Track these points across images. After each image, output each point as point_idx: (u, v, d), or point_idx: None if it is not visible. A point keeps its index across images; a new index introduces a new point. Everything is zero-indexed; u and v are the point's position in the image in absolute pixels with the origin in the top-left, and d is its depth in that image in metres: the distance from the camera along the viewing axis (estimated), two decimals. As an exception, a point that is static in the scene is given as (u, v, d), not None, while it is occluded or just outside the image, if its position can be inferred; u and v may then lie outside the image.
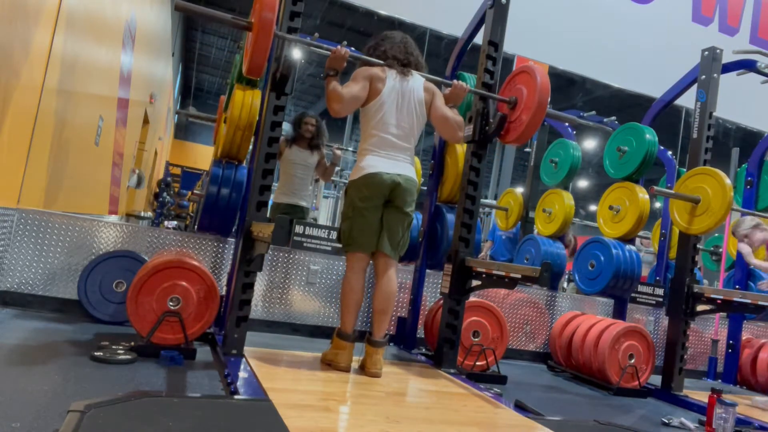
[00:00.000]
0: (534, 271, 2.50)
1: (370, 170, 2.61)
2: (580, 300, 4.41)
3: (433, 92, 2.79)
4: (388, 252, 2.66)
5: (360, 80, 2.64)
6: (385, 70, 2.68)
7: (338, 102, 2.56)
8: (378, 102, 2.65)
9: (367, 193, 2.61)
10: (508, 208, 5.40)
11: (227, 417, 1.64)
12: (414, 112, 2.71)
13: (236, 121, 3.16)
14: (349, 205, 2.67)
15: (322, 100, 17.46)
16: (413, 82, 2.73)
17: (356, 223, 2.63)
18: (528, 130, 2.90)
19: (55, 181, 3.76)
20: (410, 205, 2.70)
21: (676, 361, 3.45)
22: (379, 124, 2.65)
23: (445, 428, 1.96)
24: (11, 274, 2.99)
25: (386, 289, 2.66)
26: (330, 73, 2.62)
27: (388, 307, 2.65)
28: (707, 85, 3.65)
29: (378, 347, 2.61)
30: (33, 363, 2.10)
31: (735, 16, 6.90)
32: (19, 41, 2.70)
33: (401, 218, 2.68)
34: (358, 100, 2.63)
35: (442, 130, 2.83)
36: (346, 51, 2.60)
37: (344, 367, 2.57)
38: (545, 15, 5.95)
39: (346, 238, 2.67)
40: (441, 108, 2.78)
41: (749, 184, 4.52)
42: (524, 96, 2.94)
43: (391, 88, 2.66)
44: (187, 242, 3.37)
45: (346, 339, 2.61)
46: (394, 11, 5.73)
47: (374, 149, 2.66)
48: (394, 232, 2.67)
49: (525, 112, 2.91)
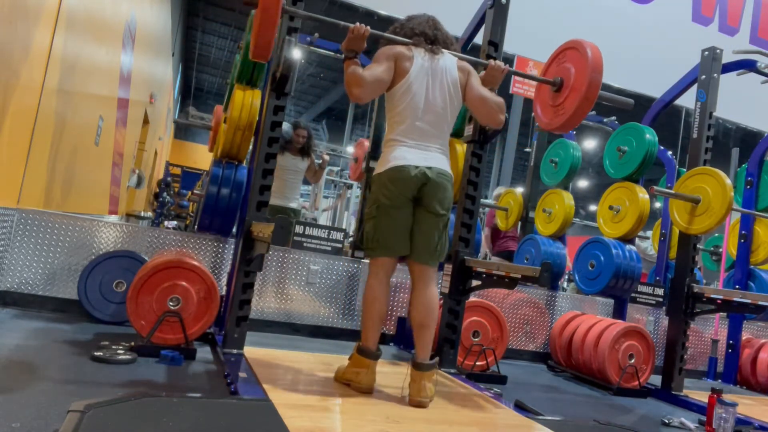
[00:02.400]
0: (534, 271, 2.50)
1: (398, 162, 2.27)
2: (580, 300, 4.41)
3: (468, 71, 2.45)
4: (425, 261, 2.33)
5: (383, 60, 2.30)
6: (412, 49, 2.36)
7: (359, 86, 2.23)
8: (405, 84, 2.31)
9: (393, 189, 2.26)
10: (508, 208, 5.40)
11: (227, 417, 1.64)
12: (447, 93, 2.36)
13: (236, 121, 3.16)
14: (373, 203, 2.33)
15: (322, 100, 17.48)
16: (444, 60, 2.39)
17: (381, 223, 2.30)
18: (576, 115, 2.55)
19: (55, 181, 3.76)
20: (444, 203, 2.33)
21: (676, 361, 3.45)
22: (407, 110, 2.32)
23: (445, 428, 1.96)
24: (11, 274, 2.99)
25: (425, 300, 2.31)
26: (348, 54, 2.31)
27: (429, 321, 2.30)
28: (707, 85, 3.65)
29: (424, 371, 2.21)
30: (33, 363, 2.10)
31: (735, 16, 6.90)
32: (19, 41, 2.69)
33: (434, 221, 2.32)
34: (382, 83, 2.30)
35: (480, 113, 2.45)
36: (366, 29, 2.30)
37: (366, 388, 2.23)
38: (545, 15, 5.94)
39: (369, 241, 2.33)
40: (478, 88, 2.42)
41: (749, 184, 4.51)
42: (572, 76, 2.58)
43: (420, 68, 2.33)
44: (187, 242, 3.37)
45: (368, 356, 2.27)
46: (394, 11, 5.72)
47: (402, 138, 2.32)
48: (429, 237, 2.32)
49: (573, 95, 2.56)
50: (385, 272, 2.34)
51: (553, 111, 2.70)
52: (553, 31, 5.98)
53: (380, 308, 2.31)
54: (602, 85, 2.56)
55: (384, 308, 2.32)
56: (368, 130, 5.14)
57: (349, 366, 2.32)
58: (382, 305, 2.31)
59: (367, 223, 2.36)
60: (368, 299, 2.31)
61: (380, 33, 2.40)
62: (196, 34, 14.52)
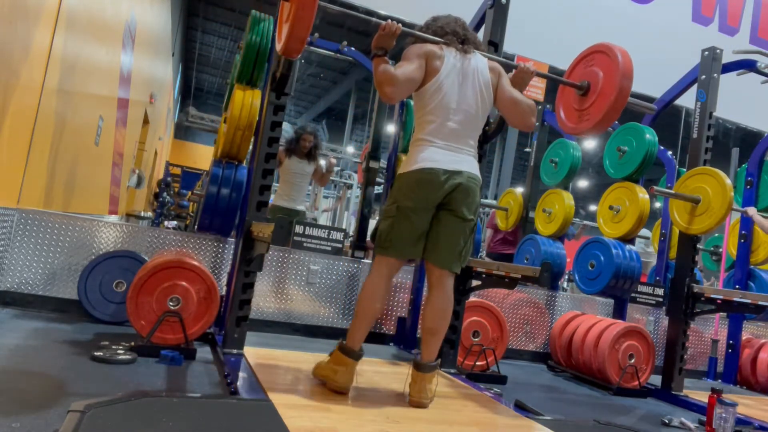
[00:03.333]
0: (534, 271, 2.50)
1: (426, 164, 2.20)
2: (580, 300, 4.41)
3: (499, 72, 2.41)
4: (447, 266, 2.27)
5: (414, 59, 2.25)
6: (443, 48, 2.31)
7: (391, 85, 2.16)
8: (436, 83, 2.26)
9: (419, 192, 2.20)
10: (508, 208, 5.40)
11: (227, 417, 1.64)
12: (479, 94, 2.32)
13: (236, 121, 3.16)
14: (393, 202, 2.26)
15: (322, 100, 17.49)
16: (476, 60, 2.35)
17: (399, 225, 2.23)
18: (604, 121, 2.49)
19: (55, 181, 3.76)
20: (472, 208, 2.28)
21: (676, 361, 3.45)
22: (437, 109, 2.26)
23: (445, 428, 1.96)
24: (11, 274, 2.99)
25: (442, 306, 2.27)
26: (378, 53, 2.24)
27: (440, 327, 2.27)
28: (707, 85, 3.65)
29: (426, 372, 2.21)
30: (33, 363, 2.10)
31: (735, 16, 6.90)
32: (19, 41, 2.69)
33: (462, 226, 2.27)
34: (414, 82, 2.23)
35: (512, 116, 2.40)
36: (397, 26, 2.23)
37: (342, 387, 2.17)
38: (545, 15, 5.94)
39: (383, 239, 2.26)
40: (510, 90, 2.38)
41: (749, 184, 4.51)
42: (600, 80, 2.54)
43: (452, 67, 2.28)
44: (187, 242, 3.37)
45: (350, 355, 2.20)
46: (394, 11, 5.72)
47: (432, 139, 2.25)
48: (455, 241, 2.26)
49: (601, 100, 2.51)
50: (389, 272, 2.29)
51: (578, 115, 2.65)
52: (553, 31, 5.99)
53: (377, 307, 2.25)
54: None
55: (381, 308, 2.27)
56: (368, 131, 5.14)
57: (328, 362, 2.26)
58: (378, 306, 2.25)
59: (385, 221, 2.29)
60: (365, 296, 2.24)
61: (412, 31, 2.35)
62: (196, 34, 14.53)
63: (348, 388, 2.19)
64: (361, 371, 2.63)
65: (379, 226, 2.32)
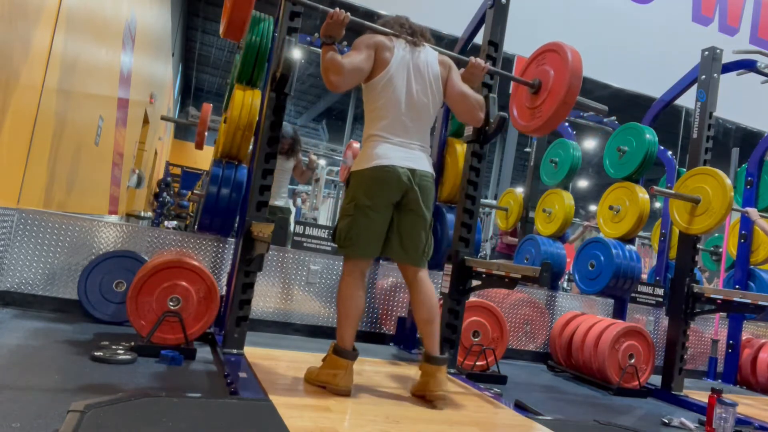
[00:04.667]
0: (534, 271, 2.50)
1: (382, 161, 2.21)
2: (580, 300, 4.41)
3: (449, 66, 2.40)
4: (416, 263, 2.32)
5: (363, 49, 2.23)
6: (392, 39, 2.29)
7: (337, 73, 2.15)
8: (386, 75, 2.24)
9: (376, 190, 2.21)
10: (508, 208, 5.40)
11: (227, 417, 1.64)
12: (429, 88, 2.31)
13: (236, 121, 3.16)
14: (350, 200, 2.26)
15: (322, 100, 17.47)
16: (426, 54, 2.34)
17: (357, 223, 2.24)
18: (554, 119, 2.52)
19: (55, 181, 3.76)
20: (428, 204, 2.32)
21: (676, 361, 3.45)
22: (389, 104, 2.25)
23: (445, 428, 1.96)
24: (11, 274, 2.99)
25: (425, 298, 2.31)
26: (326, 41, 2.22)
27: (433, 316, 2.30)
28: (707, 85, 3.65)
29: (440, 364, 2.23)
30: (33, 363, 2.10)
31: (735, 16, 6.90)
32: (19, 41, 2.69)
33: (421, 223, 2.30)
34: (360, 72, 2.22)
35: (460, 110, 2.42)
36: (345, 15, 2.21)
37: (344, 390, 2.14)
38: (545, 15, 5.94)
39: (342, 238, 2.27)
40: (459, 84, 2.38)
41: (749, 184, 4.51)
42: (551, 78, 2.55)
43: (401, 59, 2.27)
44: (187, 242, 3.37)
45: (346, 357, 2.19)
46: (394, 11, 5.72)
47: (385, 134, 2.25)
48: (417, 238, 2.30)
49: (551, 98, 2.53)
50: (360, 271, 2.29)
51: (530, 113, 2.68)
52: (553, 30, 5.98)
53: (357, 306, 2.24)
54: (604, 85, 2.55)
55: (361, 306, 2.26)
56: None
57: (324, 367, 2.23)
58: (359, 303, 2.25)
59: (343, 219, 2.28)
60: (344, 297, 2.24)
61: (361, 20, 2.34)
62: (196, 34, 14.52)
63: (350, 390, 2.17)
64: (361, 371, 2.63)
65: (338, 225, 2.31)
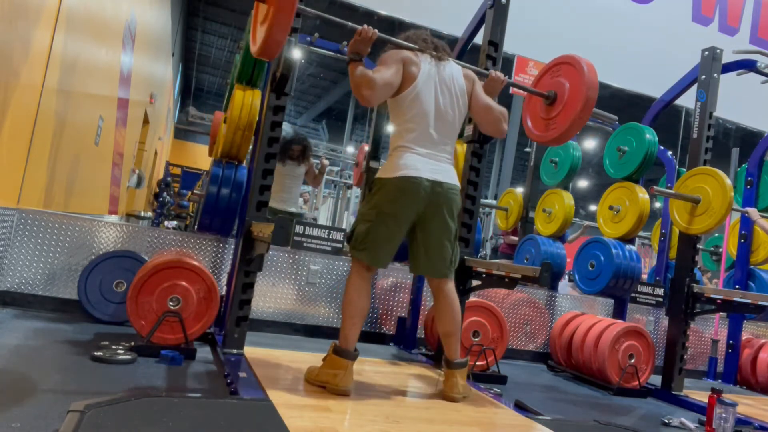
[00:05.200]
0: (534, 271, 2.50)
1: (409, 172, 2.24)
2: (580, 300, 4.41)
3: (473, 79, 2.47)
4: (444, 274, 2.38)
5: (392, 64, 2.28)
6: (418, 55, 2.35)
7: (369, 88, 2.19)
8: (413, 90, 2.29)
9: (401, 200, 2.24)
10: (508, 208, 5.40)
11: (227, 417, 1.64)
12: (456, 101, 2.37)
13: (236, 121, 3.16)
14: (373, 207, 2.29)
15: (322, 100, 17.48)
16: (450, 68, 2.41)
17: (375, 230, 2.26)
18: (570, 130, 2.57)
19: (55, 181, 3.76)
20: (454, 215, 2.36)
21: (676, 361, 3.45)
22: (417, 117, 2.30)
23: (445, 428, 1.96)
24: (11, 274, 2.99)
25: (450, 311, 2.37)
26: (354, 57, 2.26)
27: (455, 329, 2.37)
28: (707, 85, 3.65)
29: (456, 368, 2.33)
30: (33, 363, 2.10)
31: (735, 16, 6.90)
32: (19, 41, 2.69)
33: (446, 233, 2.35)
34: (391, 87, 2.27)
35: (485, 122, 2.47)
36: (374, 32, 2.25)
37: (344, 390, 2.15)
38: (545, 15, 5.94)
39: (359, 242, 2.30)
40: (483, 97, 2.45)
41: (749, 184, 4.51)
42: (566, 91, 2.61)
43: (428, 74, 2.32)
44: (187, 242, 3.37)
45: (347, 357, 2.19)
46: (394, 11, 5.72)
47: (413, 146, 2.29)
48: (442, 249, 2.35)
49: (567, 110, 2.58)
50: (368, 274, 2.33)
51: (545, 124, 2.72)
52: (553, 30, 5.99)
53: (363, 307, 2.27)
54: (604, 85, 2.56)
55: (366, 308, 2.29)
56: (368, 131, 5.14)
57: (324, 367, 2.23)
58: (365, 305, 2.28)
59: (362, 223, 2.31)
60: (352, 297, 2.27)
61: (387, 37, 2.37)
62: (196, 34, 14.53)
63: (350, 390, 2.18)
64: (361, 371, 2.63)
65: (355, 228, 2.33)
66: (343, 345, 2.23)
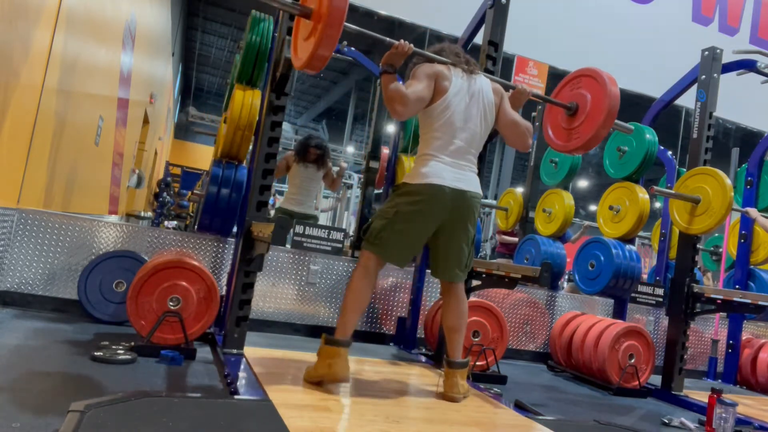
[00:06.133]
0: (534, 271, 2.50)
1: (434, 180, 2.29)
2: (580, 300, 4.41)
3: (501, 94, 2.54)
4: (458, 278, 2.45)
5: (424, 78, 2.33)
6: (450, 69, 2.41)
7: (402, 104, 2.25)
8: (444, 102, 2.35)
9: (423, 206, 2.30)
10: (508, 208, 5.40)
11: (227, 417, 1.64)
12: (483, 115, 2.43)
13: (236, 121, 3.16)
14: (393, 206, 2.34)
15: (322, 100, 17.48)
16: (481, 81, 2.46)
17: (391, 228, 2.32)
18: (593, 140, 2.62)
19: (55, 181, 3.76)
20: (474, 221, 2.42)
21: (676, 361, 3.45)
22: (444, 126, 2.36)
23: (445, 428, 1.96)
24: (11, 274, 2.99)
25: (458, 309, 2.45)
26: (387, 69, 2.32)
27: (461, 326, 2.44)
28: (707, 85, 3.65)
29: (455, 368, 2.37)
30: (33, 363, 2.10)
31: (735, 16, 6.90)
32: (19, 41, 2.69)
33: (466, 240, 2.42)
34: (423, 101, 2.33)
35: (511, 136, 2.53)
36: (410, 47, 2.31)
37: (342, 377, 2.19)
38: (545, 15, 5.95)
39: (373, 236, 2.34)
40: (511, 112, 2.52)
41: (749, 184, 4.51)
42: (588, 102, 2.67)
43: (459, 88, 2.38)
44: (187, 242, 3.37)
45: (339, 344, 2.22)
46: (394, 11, 5.73)
47: (438, 155, 2.35)
48: (460, 254, 2.42)
49: (590, 121, 2.64)
50: (375, 267, 2.37)
51: (567, 134, 2.78)
52: (553, 31, 5.99)
53: (365, 298, 2.33)
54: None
55: (368, 299, 2.35)
56: (368, 130, 5.14)
57: (319, 361, 2.25)
58: (367, 296, 2.34)
59: (380, 219, 2.36)
60: (355, 288, 2.31)
61: (422, 51, 2.41)
62: (196, 34, 14.52)
63: (347, 377, 2.21)
64: (361, 371, 2.64)
65: (373, 223, 2.39)
66: (339, 334, 2.26)
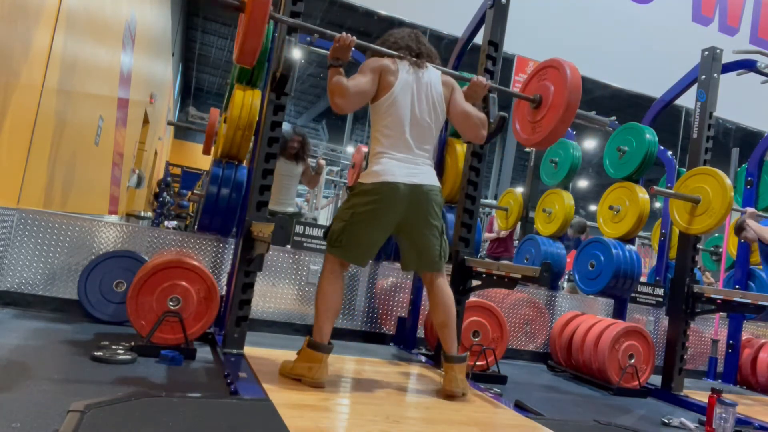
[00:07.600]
0: (534, 271, 2.50)
1: (387, 178, 2.28)
2: (580, 300, 4.41)
3: (452, 86, 2.50)
4: (436, 269, 2.45)
5: (368, 72, 2.33)
6: (396, 62, 2.38)
7: (342, 96, 2.26)
8: (390, 97, 2.34)
9: (377, 205, 2.28)
10: (508, 208, 5.40)
11: (227, 417, 1.64)
12: (432, 108, 2.41)
13: (236, 121, 3.16)
14: (349, 207, 2.35)
15: (322, 100, 17.47)
16: (429, 75, 2.43)
17: (350, 230, 2.33)
18: (554, 133, 2.61)
19: (55, 181, 3.76)
20: (438, 213, 2.41)
21: (676, 361, 3.45)
22: (393, 122, 2.35)
23: (445, 428, 1.96)
24: (11, 274, 2.99)
25: (442, 301, 2.44)
26: (334, 63, 2.32)
27: (449, 320, 2.42)
28: (707, 85, 3.65)
29: (454, 363, 2.36)
30: (33, 363, 2.10)
31: (735, 16, 6.90)
32: (19, 41, 2.70)
33: (433, 232, 2.40)
34: (365, 95, 2.33)
35: (463, 128, 2.50)
36: (351, 39, 2.30)
37: (320, 382, 2.19)
38: (545, 15, 5.95)
39: (333, 240, 2.36)
40: (461, 103, 2.48)
41: (749, 184, 4.51)
42: (551, 94, 2.63)
43: (405, 82, 2.36)
44: (187, 242, 3.37)
45: (321, 350, 2.24)
46: (394, 11, 5.73)
47: (390, 152, 2.34)
48: (431, 247, 2.41)
49: (551, 113, 2.62)
50: (340, 270, 2.38)
51: (532, 127, 2.77)
52: (554, 31, 6.00)
53: (336, 301, 2.33)
54: (604, 85, 2.56)
55: (339, 302, 2.35)
56: (368, 131, 5.14)
57: (299, 361, 2.27)
58: (338, 299, 2.34)
59: (338, 222, 2.37)
60: (324, 292, 2.32)
61: (366, 44, 2.42)
62: (196, 34, 14.52)
63: (324, 383, 2.22)
64: (361, 371, 2.64)
65: (332, 226, 2.40)
66: (317, 338, 2.27)
